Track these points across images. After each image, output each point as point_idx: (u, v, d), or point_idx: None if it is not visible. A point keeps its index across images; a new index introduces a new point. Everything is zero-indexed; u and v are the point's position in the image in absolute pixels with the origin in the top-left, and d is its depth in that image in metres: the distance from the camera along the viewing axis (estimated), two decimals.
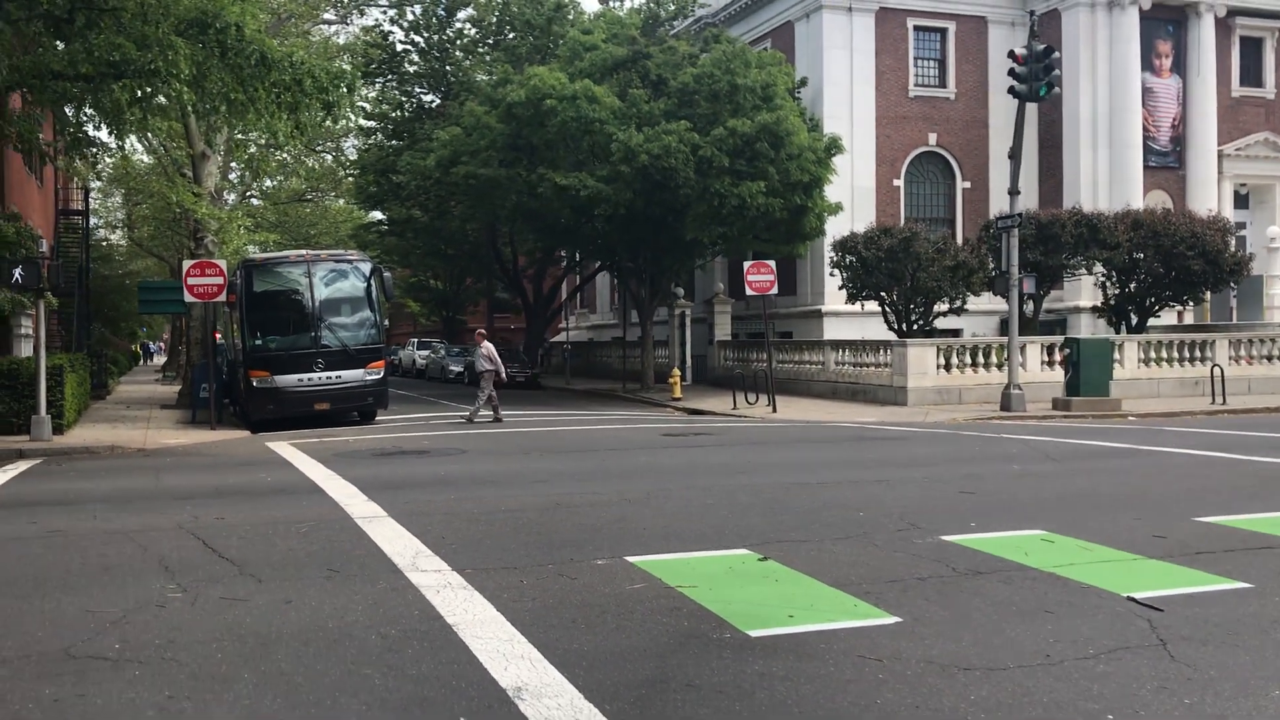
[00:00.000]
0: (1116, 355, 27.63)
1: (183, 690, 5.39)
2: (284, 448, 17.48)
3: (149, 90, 17.33)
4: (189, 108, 18.64)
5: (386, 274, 25.07)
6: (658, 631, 6.30)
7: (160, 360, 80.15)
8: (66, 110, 21.67)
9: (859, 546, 8.62)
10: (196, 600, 7.10)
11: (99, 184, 49.52)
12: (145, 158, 44.07)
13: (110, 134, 19.48)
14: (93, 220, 49.50)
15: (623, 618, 6.58)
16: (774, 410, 25.77)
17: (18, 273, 18.65)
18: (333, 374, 23.32)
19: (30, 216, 26.51)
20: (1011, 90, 24.42)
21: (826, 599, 7.00)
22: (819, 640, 6.10)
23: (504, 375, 24.67)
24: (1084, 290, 36.65)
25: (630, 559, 8.14)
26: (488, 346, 24.60)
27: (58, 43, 17.95)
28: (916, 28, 39.93)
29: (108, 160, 35.24)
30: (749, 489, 11.83)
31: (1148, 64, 39.45)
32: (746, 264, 26.95)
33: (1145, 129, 39.39)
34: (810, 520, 9.80)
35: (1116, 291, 32.94)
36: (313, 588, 7.39)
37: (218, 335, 27.92)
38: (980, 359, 28.08)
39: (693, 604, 6.86)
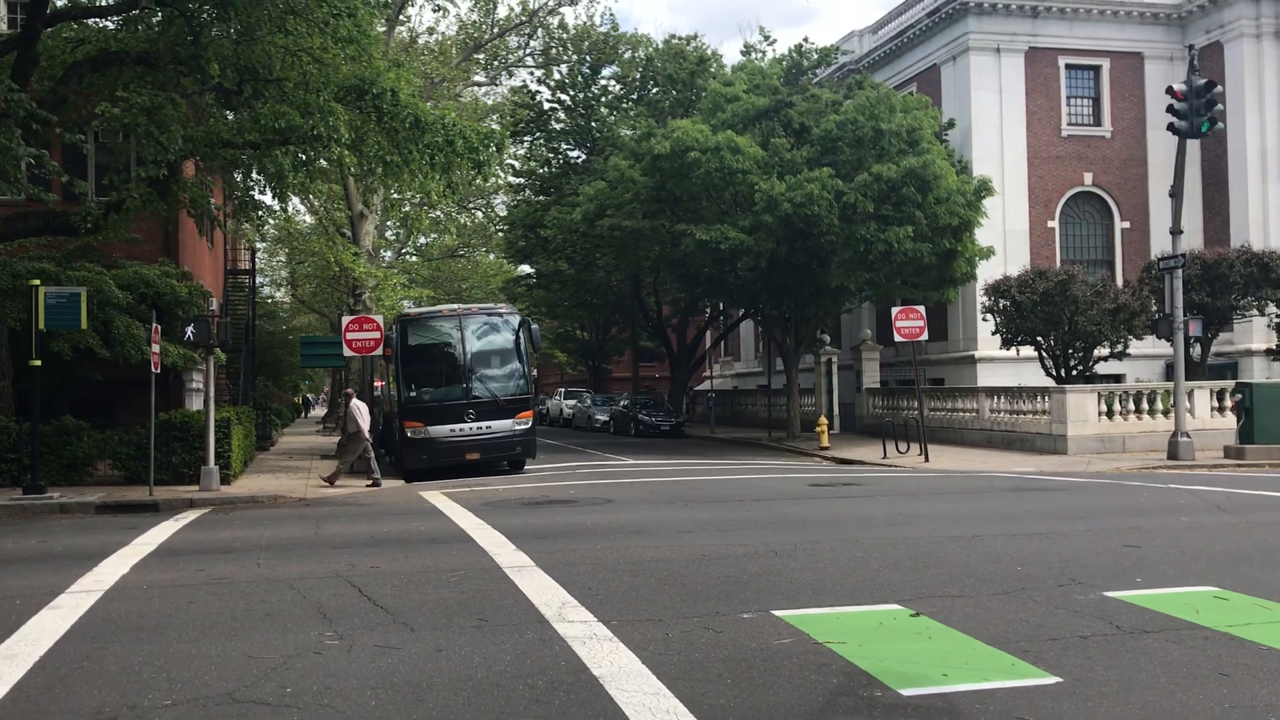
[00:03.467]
0: None
1: None
2: (436, 497, 17.88)
3: (311, 154, 18.20)
4: (348, 170, 19.43)
5: (534, 326, 25.51)
6: (806, 688, 6.17)
7: (320, 412, 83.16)
8: (235, 176, 22.88)
9: (1017, 602, 8.29)
10: (352, 647, 7.27)
11: (264, 244, 52.05)
12: (308, 218, 46.18)
13: (274, 197, 20.49)
14: (258, 278, 52.02)
15: (770, 674, 6.47)
16: (926, 460, 25.17)
17: (190, 330, 19.69)
18: (483, 424, 23.78)
19: (201, 276, 28.00)
20: (1171, 127, 23.56)
21: (982, 657, 6.74)
22: (974, 700, 5.87)
23: (366, 434, 22.25)
24: (1256, 332, 34.88)
25: (777, 613, 8.01)
26: (357, 404, 22.60)
27: (227, 113, 19.01)
28: (1068, 66, 39.00)
29: (272, 222, 37.03)
30: (901, 541, 11.53)
31: None
32: (894, 310, 26.52)
33: None
34: (965, 574, 9.49)
35: None
36: (463, 636, 7.49)
37: (379, 385, 28.72)
38: (1144, 405, 26.90)
39: (842, 660, 6.70)
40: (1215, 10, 38.08)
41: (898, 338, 26.36)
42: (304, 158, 18.27)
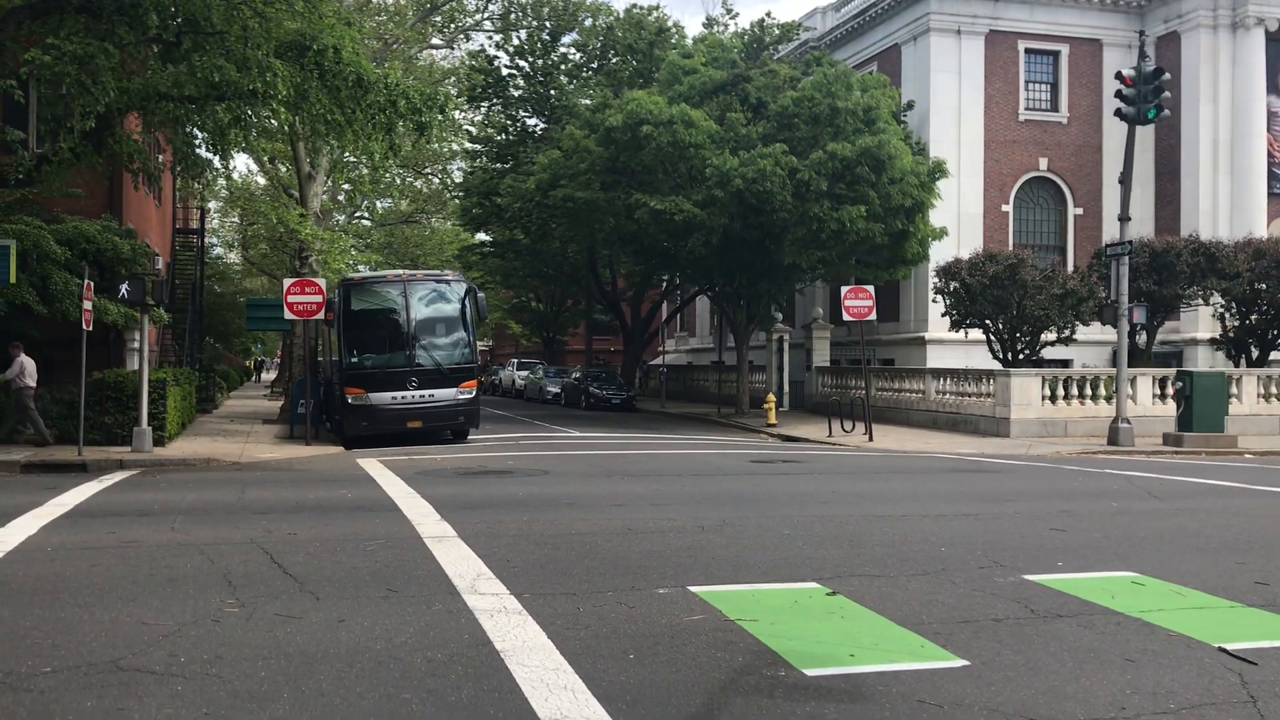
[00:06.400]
0: (1233, 389, 26.45)
1: (220, 708, 5.32)
2: (372, 465, 17.64)
3: (249, 112, 17.75)
4: (286, 128, 18.95)
5: (480, 294, 25.21)
6: (710, 667, 6.05)
7: (272, 376, 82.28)
8: (180, 131, 22.35)
9: (935, 583, 8.23)
10: (252, 616, 7.07)
11: (218, 204, 51.16)
12: (261, 179, 45.38)
13: (214, 154, 20.00)
14: (212, 239, 51.14)
15: (675, 651, 6.35)
16: (870, 439, 25.22)
17: (124, 288, 19.25)
18: (426, 392, 23.52)
19: (147, 234, 27.39)
20: (1119, 112, 23.64)
21: (892, 638, 6.66)
22: (878, 682, 5.78)
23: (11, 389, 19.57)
24: (1201, 321, 35.27)
25: (693, 589, 7.90)
26: (24, 360, 19.72)
27: (167, 65, 18.50)
28: (1028, 50, 39.07)
29: (219, 181, 36.32)
30: (830, 520, 11.47)
31: (1273, 86, 37.93)
32: (844, 289, 26.49)
33: (1270, 154, 37.84)
34: (888, 554, 9.43)
35: (1236, 323, 31.62)
36: (368, 607, 7.31)
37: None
38: (1088, 390, 27.09)
39: (750, 639, 6.59)
40: (1174, 0, 38.25)
41: (846, 317, 26.35)
42: (242, 115, 17.79)
